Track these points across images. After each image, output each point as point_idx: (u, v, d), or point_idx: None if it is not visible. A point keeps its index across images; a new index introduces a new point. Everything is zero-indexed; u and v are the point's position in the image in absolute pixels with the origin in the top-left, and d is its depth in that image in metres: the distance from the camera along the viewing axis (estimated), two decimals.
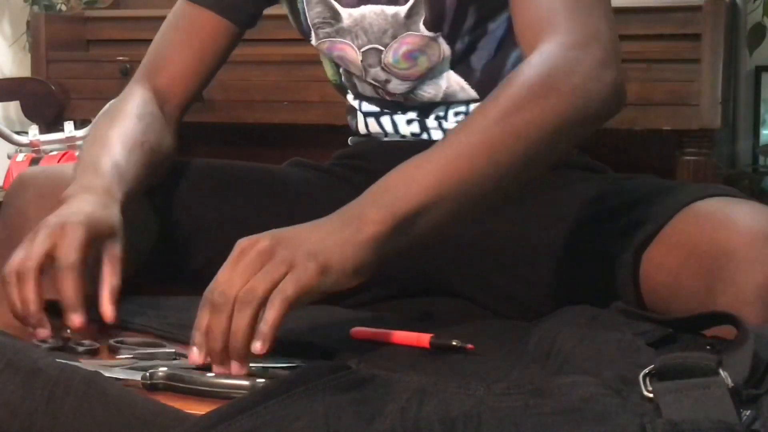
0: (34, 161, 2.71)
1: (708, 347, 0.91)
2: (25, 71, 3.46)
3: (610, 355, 0.91)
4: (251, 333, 0.90)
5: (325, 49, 1.37)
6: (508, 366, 0.93)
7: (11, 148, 2.85)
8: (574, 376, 0.82)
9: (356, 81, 1.39)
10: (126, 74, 3.03)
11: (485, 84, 1.30)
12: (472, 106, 1.31)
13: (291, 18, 1.38)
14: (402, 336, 1.00)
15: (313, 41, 1.36)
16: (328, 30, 1.33)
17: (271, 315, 0.90)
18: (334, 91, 1.54)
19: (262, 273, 0.91)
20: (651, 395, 0.78)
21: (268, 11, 1.50)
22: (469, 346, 0.96)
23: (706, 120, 2.27)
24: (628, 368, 0.85)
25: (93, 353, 1.01)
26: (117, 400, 0.79)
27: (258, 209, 1.32)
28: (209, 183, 1.34)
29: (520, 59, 1.24)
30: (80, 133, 2.84)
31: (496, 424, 0.74)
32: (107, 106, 1.34)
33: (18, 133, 2.89)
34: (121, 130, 1.22)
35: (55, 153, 2.75)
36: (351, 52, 1.33)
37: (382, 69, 1.32)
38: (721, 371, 0.77)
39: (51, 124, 3.00)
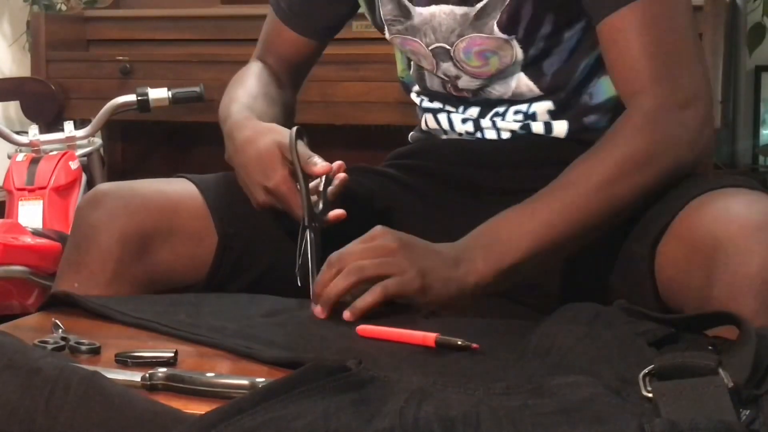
0: (34, 161, 2.71)
1: (710, 347, 0.91)
2: (25, 71, 3.47)
3: (610, 354, 0.91)
4: (343, 293, 1.10)
5: (398, 44, 1.41)
6: (508, 365, 0.93)
7: (11, 147, 2.85)
8: (574, 377, 0.82)
9: (426, 75, 1.41)
10: (126, 74, 3.04)
11: (553, 88, 1.33)
12: (534, 105, 1.34)
13: (367, 12, 1.42)
14: (408, 335, 1.01)
15: (387, 35, 1.40)
16: (398, 27, 1.37)
17: (368, 298, 1.09)
18: (333, 91, 1.55)
19: (377, 262, 1.10)
20: (650, 395, 0.78)
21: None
22: (474, 345, 0.97)
23: None
24: (628, 368, 0.85)
25: (94, 353, 1.02)
26: (117, 400, 0.79)
27: None
28: None
29: (589, 68, 1.31)
30: (80, 132, 2.84)
31: (495, 424, 0.74)
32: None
33: (18, 133, 2.88)
34: (245, 89, 1.43)
35: (55, 153, 2.75)
36: (421, 48, 1.35)
37: (454, 65, 1.34)
38: (720, 371, 0.77)
39: (51, 124, 3.00)
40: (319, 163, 1.21)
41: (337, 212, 1.23)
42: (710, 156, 1.22)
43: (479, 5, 1.28)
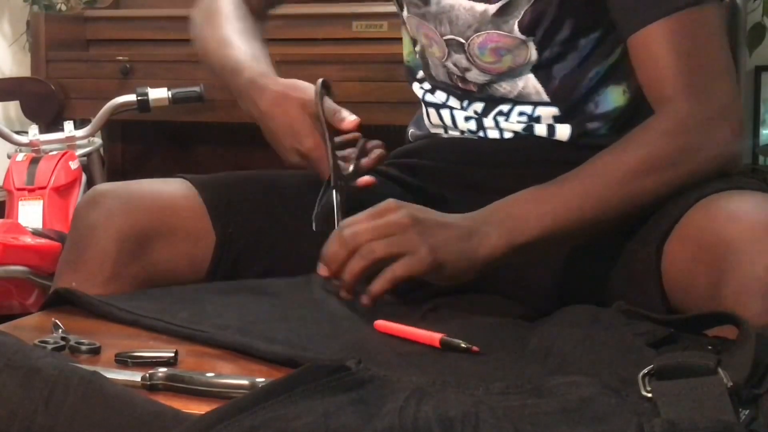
0: (34, 161, 2.71)
1: (709, 347, 0.91)
2: (25, 71, 3.46)
3: (610, 355, 0.91)
4: (359, 277, 1.10)
5: (414, 26, 1.41)
6: (508, 366, 0.94)
7: (11, 147, 2.85)
8: (573, 376, 0.82)
9: (431, 63, 1.41)
10: (126, 74, 3.04)
11: (560, 93, 1.33)
12: (539, 109, 1.34)
13: None
14: (415, 333, 1.04)
15: (405, 14, 1.40)
16: (415, 11, 1.37)
17: (377, 286, 1.09)
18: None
19: (387, 241, 1.09)
20: (649, 395, 0.78)
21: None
22: (475, 348, 0.99)
23: None
24: (628, 368, 0.85)
25: (94, 353, 1.02)
26: (117, 400, 0.79)
27: None
28: (266, 195, 1.38)
29: (599, 77, 1.31)
30: (80, 132, 2.84)
31: (494, 424, 0.74)
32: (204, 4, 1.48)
33: (18, 132, 2.89)
34: (232, 26, 1.40)
35: (55, 153, 2.75)
36: (435, 36, 1.36)
37: (466, 58, 1.34)
38: (720, 371, 0.77)
39: (51, 124, 3.00)
40: (346, 118, 1.21)
41: (366, 178, 1.23)
42: (737, 168, 1.24)
43: (500, 3, 1.28)
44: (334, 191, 1.21)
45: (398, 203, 1.13)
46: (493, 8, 1.29)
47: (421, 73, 1.46)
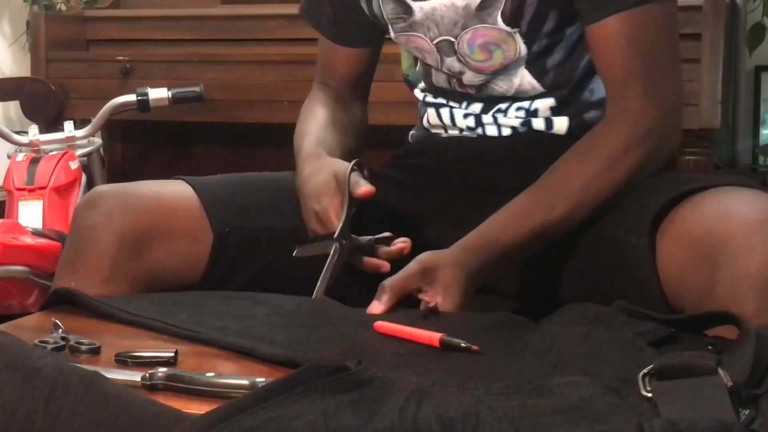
0: (34, 161, 2.71)
1: (710, 347, 0.91)
2: (25, 71, 3.46)
3: (610, 354, 0.91)
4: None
5: (403, 42, 1.43)
6: (508, 366, 0.94)
7: (11, 147, 2.84)
8: (573, 377, 0.82)
9: (433, 71, 1.43)
10: (126, 74, 3.03)
11: (556, 85, 1.35)
12: (536, 102, 1.35)
13: (372, 16, 1.44)
14: (415, 333, 1.05)
15: (391, 35, 1.42)
16: (402, 24, 1.39)
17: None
18: None
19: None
20: (650, 395, 0.78)
21: (270, 10, 1.52)
22: (474, 347, 0.99)
23: (705, 120, 2.27)
24: (628, 368, 0.85)
25: (94, 353, 1.02)
26: (117, 400, 0.79)
27: None
28: (267, 194, 1.39)
29: (590, 64, 1.34)
30: (80, 132, 2.84)
31: (495, 424, 0.74)
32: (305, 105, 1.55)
33: (18, 132, 2.88)
34: (315, 120, 1.46)
35: (54, 153, 2.75)
36: (425, 44, 1.37)
37: (458, 60, 1.35)
38: (720, 371, 0.77)
39: (51, 124, 2.99)
40: (362, 186, 1.23)
41: (376, 261, 1.25)
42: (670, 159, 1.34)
43: None
44: (334, 244, 1.23)
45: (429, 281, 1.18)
46: (474, 2, 1.30)
47: (422, 84, 1.47)
